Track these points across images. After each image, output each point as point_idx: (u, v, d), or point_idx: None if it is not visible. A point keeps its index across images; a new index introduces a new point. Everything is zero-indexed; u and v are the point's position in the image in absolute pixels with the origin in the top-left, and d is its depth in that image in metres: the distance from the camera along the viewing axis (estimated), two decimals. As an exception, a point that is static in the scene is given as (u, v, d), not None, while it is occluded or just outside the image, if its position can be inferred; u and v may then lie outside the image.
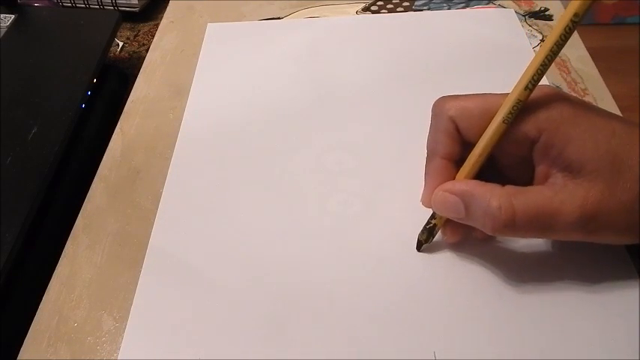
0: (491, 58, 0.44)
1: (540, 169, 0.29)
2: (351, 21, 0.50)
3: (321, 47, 0.47)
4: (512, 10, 0.49)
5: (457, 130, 0.30)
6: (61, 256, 0.34)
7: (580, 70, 0.43)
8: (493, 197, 0.27)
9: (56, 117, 0.40)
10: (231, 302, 0.31)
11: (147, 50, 0.49)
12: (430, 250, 0.32)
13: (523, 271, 0.31)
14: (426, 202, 0.31)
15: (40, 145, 0.38)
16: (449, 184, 0.30)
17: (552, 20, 0.48)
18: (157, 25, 0.52)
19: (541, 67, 0.28)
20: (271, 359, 0.29)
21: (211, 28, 0.50)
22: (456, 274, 0.31)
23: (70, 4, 0.56)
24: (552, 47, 0.27)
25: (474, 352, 0.28)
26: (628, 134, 0.27)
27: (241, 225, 0.34)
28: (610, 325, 0.29)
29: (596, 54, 0.44)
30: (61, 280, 0.33)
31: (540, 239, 0.32)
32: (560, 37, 0.27)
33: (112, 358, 0.29)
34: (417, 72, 0.44)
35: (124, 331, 0.30)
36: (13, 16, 0.49)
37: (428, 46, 0.46)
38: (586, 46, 0.45)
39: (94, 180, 0.38)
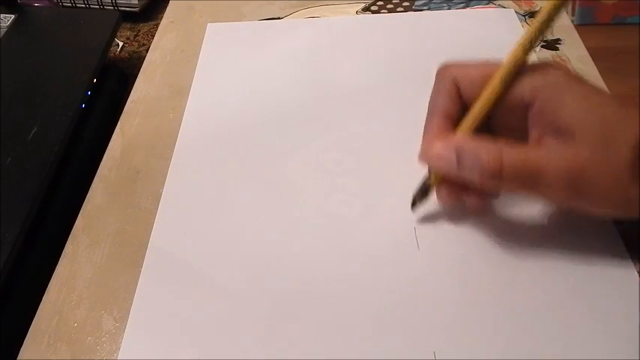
0: (491, 57, 0.44)
1: (534, 133, 0.29)
2: (351, 21, 0.50)
3: (321, 47, 0.47)
4: (512, 10, 0.49)
5: (458, 92, 0.31)
6: (61, 256, 0.34)
7: (580, 70, 0.43)
8: (483, 149, 0.28)
9: (56, 117, 0.40)
10: (231, 302, 0.31)
11: (147, 50, 0.49)
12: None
13: (523, 269, 0.31)
14: (423, 157, 0.32)
15: (40, 145, 0.38)
16: (444, 139, 0.30)
17: (552, 20, 0.48)
18: (157, 25, 0.52)
19: (539, 30, 0.29)
20: (271, 359, 0.29)
21: (211, 28, 0.50)
22: (455, 274, 0.31)
23: (70, 4, 0.56)
24: (550, 10, 0.28)
25: (474, 352, 0.28)
26: (619, 104, 0.28)
27: (241, 225, 0.34)
28: (610, 324, 0.29)
29: (596, 54, 0.44)
30: (61, 280, 0.33)
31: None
32: None
33: (112, 358, 0.29)
34: (417, 72, 0.44)
35: (124, 331, 0.30)
36: (13, 16, 0.49)
37: (428, 46, 0.46)
38: (586, 46, 0.45)
39: (94, 180, 0.38)
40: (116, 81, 0.49)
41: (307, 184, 0.36)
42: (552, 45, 0.45)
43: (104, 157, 0.40)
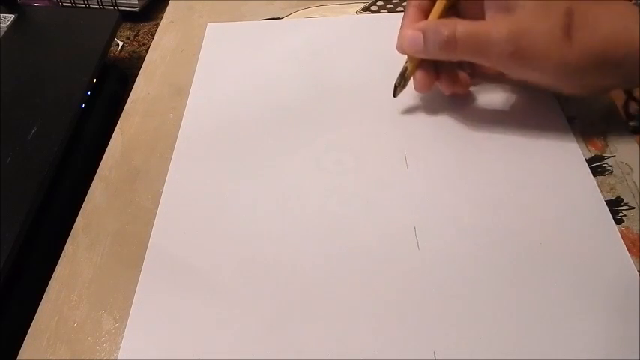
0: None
1: (488, 14, 0.34)
2: (351, 21, 0.50)
3: (321, 47, 0.47)
4: (512, 10, 0.49)
5: None
6: (61, 256, 0.34)
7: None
8: (442, 25, 0.34)
9: (56, 117, 0.40)
10: (231, 302, 0.31)
11: (147, 50, 0.49)
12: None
13: (522, 269, 0.31)
14: (398, 44, 0.37)
15: (40, 145, 0.38)
16: (414, 24, 0.37)
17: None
18: (157, 25, 0.52)
19: None
20: (271, 359, 0.29)
21: (211, 28, 0.50)
22: (455, 273, 0.31)
23: (70, 4, 0.56)
24: None
25: (474, 352, 0.28)
26: None
27: (241, 225, 0.34)
28: (610, 324, 0.29)
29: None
30: (61, 280, 0.33)
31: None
32: None
33: (112, 358, 0.29)
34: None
35: (124, 331, 0.30)
36: (13, 16, 0.49)
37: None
38: (586, 46, 0.45)
39: (94, 180, 0.38)
40: (116, 81, 0.49)
41: (307, 184, 0.36)
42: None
43: (104, 157, 0.40)
